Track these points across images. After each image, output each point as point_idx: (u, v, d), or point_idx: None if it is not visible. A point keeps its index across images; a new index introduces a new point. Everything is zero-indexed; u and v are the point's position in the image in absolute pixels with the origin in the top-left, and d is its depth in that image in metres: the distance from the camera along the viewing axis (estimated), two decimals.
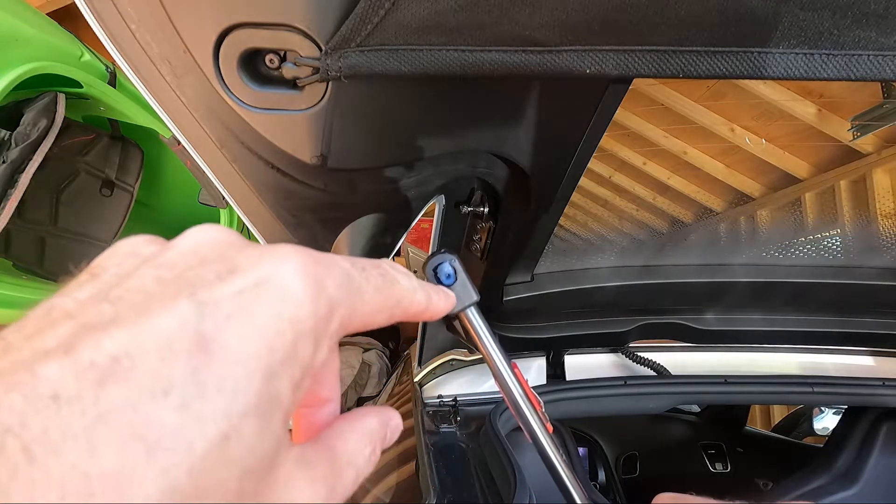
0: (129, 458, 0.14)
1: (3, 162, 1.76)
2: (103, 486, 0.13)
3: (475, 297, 0.33)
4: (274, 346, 0.17)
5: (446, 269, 0.33)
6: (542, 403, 0.40)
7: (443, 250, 0.34)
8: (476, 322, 0.34)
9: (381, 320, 0.23)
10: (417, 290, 0.26)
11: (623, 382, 1.16)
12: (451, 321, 1.21)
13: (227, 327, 0.16)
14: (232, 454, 0.15)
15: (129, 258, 0.19)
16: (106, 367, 0.14)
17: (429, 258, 0.34)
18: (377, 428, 0.24)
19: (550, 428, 0.40)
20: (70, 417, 0.13)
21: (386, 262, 0.24)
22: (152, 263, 0.18)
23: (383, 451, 0.24)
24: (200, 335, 0.16)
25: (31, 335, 0.16)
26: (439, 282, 0.33)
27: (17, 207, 1.78)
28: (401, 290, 0.24)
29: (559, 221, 0.79)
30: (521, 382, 0.39)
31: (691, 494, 0.33)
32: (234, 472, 0.15)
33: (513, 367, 0.39)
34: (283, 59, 0.44)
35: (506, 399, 0.39)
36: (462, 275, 0.33)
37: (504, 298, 0.98)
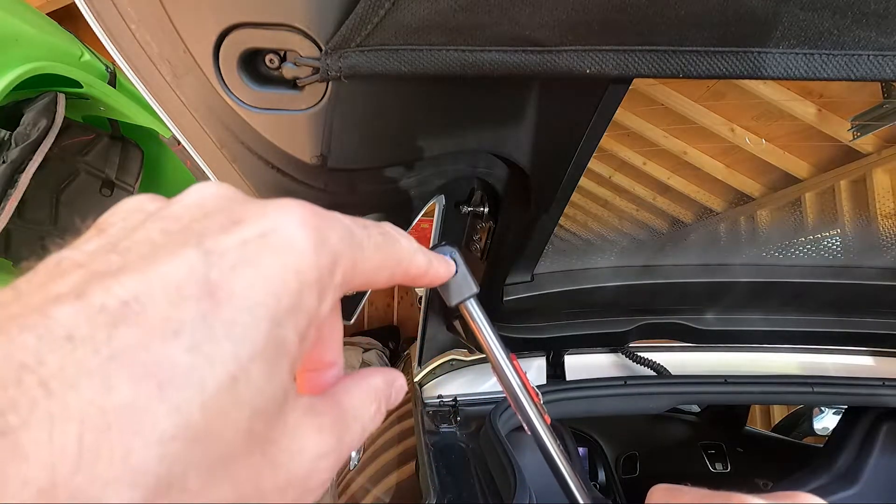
0: (143, 394, 0.14)
1: (3, 162, 1.76)
2: (119, 419, 0.13)
3: (475, 289, 0.34)
4: (279, 294, 0.17)
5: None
6: (540, 396, 0.40)
7: (444, 242, 0.34)
8: (476, 314, 0.35)
9: (382, 279, 0.23)
10: (418, 252, 0.26)
11: (623, 382, 1.16)
12: (451, 320, 1.21)
13: (233, 275, 0.17)
14: (242, 395, 0.16)
15: (135, 213, 0.19)
16: (117, 309, 0.15)
17: (430, 249, 0.34)
18: (382, 386, 0.24)
19: (548, 419, 0.40)
20: (85, 355, 0.14)
21: (387, 224, 0.24)
22: (157, 216, 0.19)
23: (383, 451, 0.25)
24: (208, 282, 0.16)
25: (42, 283, 0.16)
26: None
27: (17, 207, 1.78)
28: (402, 249, 0.24)
29: (559, 221, 0.79)
30: (521, 374, 0.39)
31: (686, 485, 0.34)
32: (245, 412, 0.16)
33: (512, 360, 0.39)
34: (283, 59, 0.44)
35: (505, 391, 0.39)
36: (462, 267, 0.33)
37: (504, 298, 0.98)
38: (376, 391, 0.24)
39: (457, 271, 0.33)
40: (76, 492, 0.13)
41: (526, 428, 0.40)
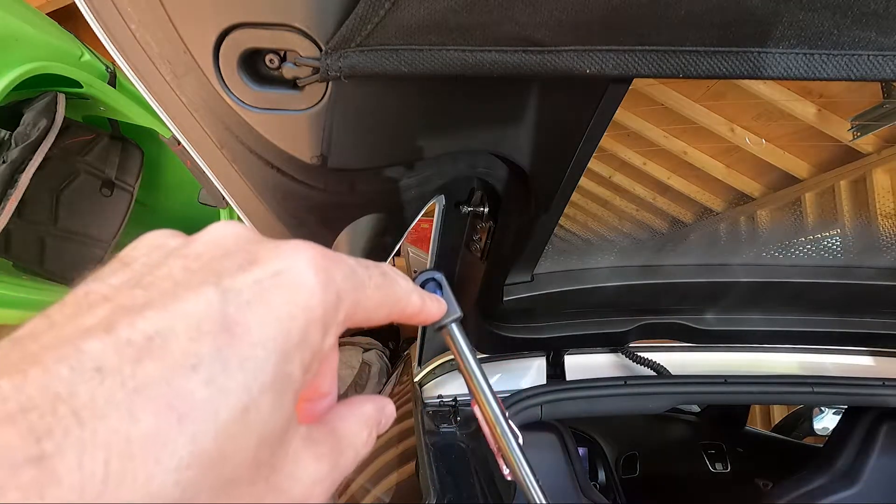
0: (164, 425, 0.15)
1: (3, 162, 1.76)
2: (142, 448, 0.15)
3: (458, 313, 0.35)
4: (289, 330, 0.19)
5: (431, 285, 0.35)
6: (519, 436, 0.40)
7: (430, 269, 0.36)
8: (457, 337, 0.36)
9: (380, 317, 0.25)
10: (413, 292, 0.28)
11: (623, 382, 1.16)
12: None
13: (248, 312, 0.18)
14: (251, 424, 0.17)
15: (156, 250, 0.21)
16: (142, 344, 0.16)
17: (417, 275, 0.35)
18: (374, 413, 0.26)
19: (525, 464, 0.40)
20: (112, 387, 0.15)
21: (386, 265, 0.26)
22: (179, 254, 0.20)
23: (383, 451, 0.25)
24: (225, 318, 0.18)
25: (72, 315, 0.17)
26: None
27: (17, 207, 1.78)
28: (399, 289, 0.26)
29: (559, 221, 0.79)
30: (500, 404, 0.39)
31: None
32: (252, 440, 0.17)
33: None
34: (283, 59, 0.44)
35: (480, 418, 0.39)
36: (447, 291, 0.35)
37: (504, 298, 0.98)
38: (368, 419, 0.25)
39: (442, 293, 0.34)
40: None
41: (500, 461, 0.40)
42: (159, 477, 0.15)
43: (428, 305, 0.30)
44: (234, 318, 0.18)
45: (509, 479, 0.40)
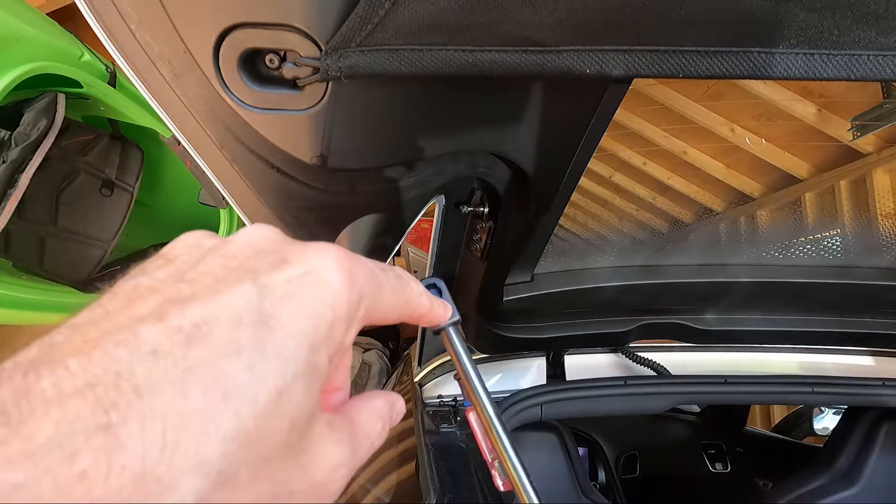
0: (211, 401, 0.17)
1: (3, 162, 1.76)
2: (192, 420, 0.17)
3: (457, 317, 0.36)
4: (317, 324, 0.20)
5: (432, 290, 0.37)
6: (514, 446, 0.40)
7: (430, 276, 0.37)
8: (455, 341, 0.37)
9: (393, 317, 0.27)
10: (423, 294, 0.30)
11: (623, 382, 1.16)
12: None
13: (281, 306, 0.20)
14: (285, 407, 0.19)
15: (195, 248, 0.23)
16: (190, 331, 0.18)
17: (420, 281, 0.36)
18: (386, 408, 0.27)
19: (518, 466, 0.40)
20: (166, 368, 0.17)
21: (399, 268, 0.28)
22: (217, 253, 0.22)
23: (383, 451, 0.26)
24: (262, 311, 0.20)
25: (125, 305, 0.19)
26: None
27: (17, 207, 1.78)
28: (411, 292, 0.28)
29: (559, 221, 0.79)
30: (496, 409, 0.39)
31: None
32: (285, 422, 0.19)
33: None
34: (283, 59, 0.44)
35: (474, 424, 0.39)
36: (447, 296, 0.37)
37: (504, 298, 0.98)
38: (381, 412, 0.27)
39: (441, 298, 0.35)
40: (160, 477, 0.16)
41: (491, 466, 0.40)
42: (207, 447, 0.17)
43: (435, 308, 0.32)
44: (270, 311, 0.20)
45: (503, 489, 0.40)
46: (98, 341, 0.17)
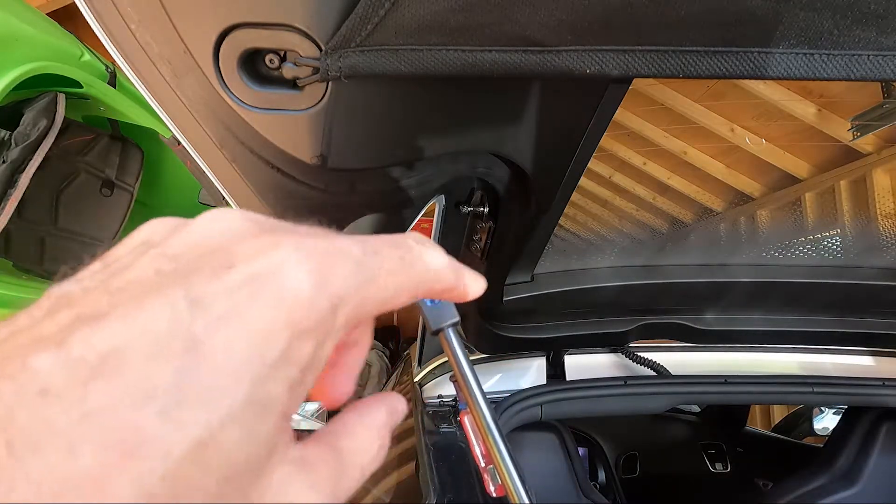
0: (106, 461, 0.13)
1: (3, 162, 1.76)
2: (79, 488, 0.13)
3: (456, 318, 0.35)
4: (265, 349, 0.16)
5: None
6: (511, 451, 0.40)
7: None
8: (453, 344, 0.35)
9: (401, 301, 0.22)
10: (444, 267, 0.24)
11: (623, 382, 1.16)
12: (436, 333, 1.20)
13: (217, 328, 0.16)
14: (209, 461, 0.15)
15: (141, 245, 0.19)
16: (94, 363, 0.14)
17: None
18: (386, 419, 0.23)
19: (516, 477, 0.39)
20: (54, 414, 0.13)
21: (411, 237, 0.23)
22: (157, 252, 0.18)
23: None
24: (190, 335, 0.15)
25: (36, 319, 0.16)
26: (425, 301, 0.34)
27: (17, 207, 1.78)
28: (423, 268, 0.22)
29: (559, 221, 0.79)
30: (493, 414, 0.39)
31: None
32: (212, 477, 0.15)
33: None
34: (283, 59, 0.44)
35: (469, 427, 0.39)
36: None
37: (504, 298, 0.98)
38: (380, 427, 0.22)
39: (441, 300, 0.33)
40: None
41: (484, 472, 0.39)
42: None
43: (465, 282, 0.25)
44: (200, 336, 0.15)
45: (496, 495, 0.39)
46: None
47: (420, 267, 0.22)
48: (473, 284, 0.26)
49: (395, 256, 0.21)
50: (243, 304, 0.16)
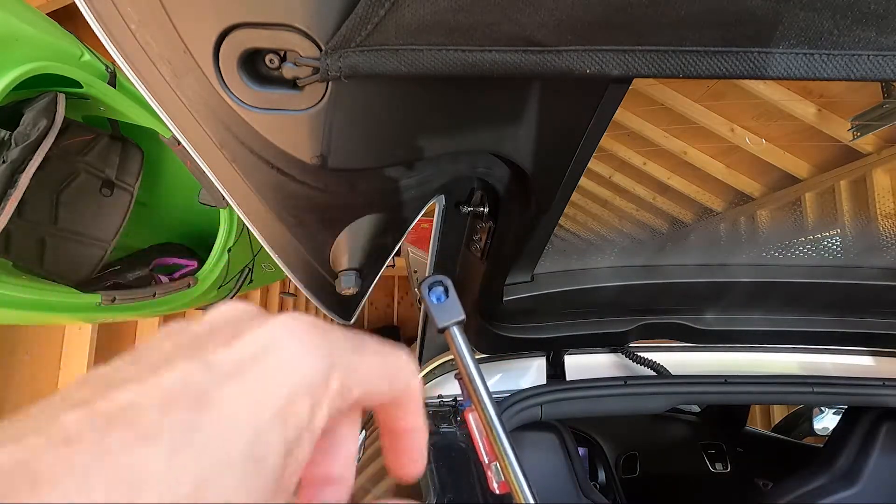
0: (116, 494, 0.15)
1: (3, 162, 1.76)
2: None
3: (462, 316, 0.35)
4: (265, 405, 0.18)
5: (439, 288, 0.36)
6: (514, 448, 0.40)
7: (437, 273, 0.36)
8: (458, 340, 0.36)
9: (383, 389, 0.23)
10: (410, 365, 0.25)
11: (623, 382, 1.16)
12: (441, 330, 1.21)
13: (223, 385, 0.18)
14: (206, 502, 0.16)
15: (164, 339, 0.21)
16: (113, 414, 0.16)
17: (425, 278, 0.36)
18: None
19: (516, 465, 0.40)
20: (74, 455, 0.15)
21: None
22: (180, 333, 0.21)
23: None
24: (200, 392, 0.17)
25: (70, 391, 0.18)
26: (432, 299, 0.35)
27: (17, 207, 1.78)
28: (398, 359, 0.24)
29: (559, 221, 0.79)
30: (497, 410, 0.39)
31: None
32: None
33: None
34: (283, 59, 0.44)
35: (473, 424, 0.39)
36: (453, 295, 0.36)
37: (504, 298, 0.98)
38: None
39: (447, 297, 0.34)
40: None
41: (487, 469, 0.40)
42: None
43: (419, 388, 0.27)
44: (209, 391, 0.17)
45: (499, 492, 0.39)
46: (22, 428, 0.16)
47: (396, 358, 0.24)
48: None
49: (376, 342, 0.24)
50: (248, 367, 0.19)
